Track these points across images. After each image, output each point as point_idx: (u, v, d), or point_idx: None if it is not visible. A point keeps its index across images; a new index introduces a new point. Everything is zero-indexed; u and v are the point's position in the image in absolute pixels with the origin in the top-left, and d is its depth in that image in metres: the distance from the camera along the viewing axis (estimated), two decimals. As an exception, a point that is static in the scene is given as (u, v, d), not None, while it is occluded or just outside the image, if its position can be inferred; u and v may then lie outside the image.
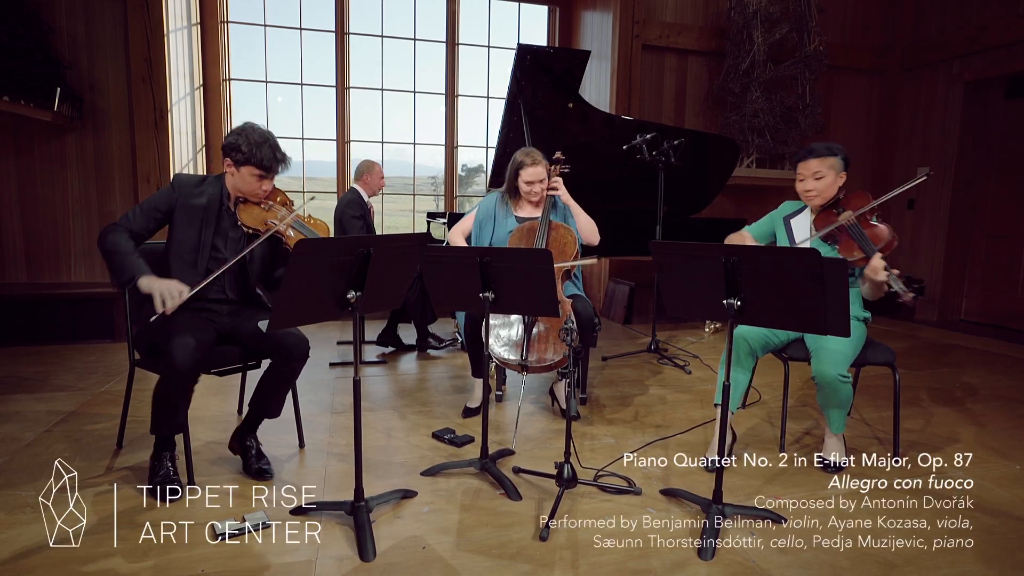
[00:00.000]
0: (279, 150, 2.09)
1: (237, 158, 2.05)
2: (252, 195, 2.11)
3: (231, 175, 2.10)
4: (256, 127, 2.08)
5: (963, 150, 5.21)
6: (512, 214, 2.78)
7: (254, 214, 2.12)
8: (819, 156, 2.24)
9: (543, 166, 2.69)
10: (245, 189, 2.10)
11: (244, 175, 2.07)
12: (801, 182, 2.29)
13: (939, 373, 3.65)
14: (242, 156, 2.04)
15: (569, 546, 1.71)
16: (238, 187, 2.10)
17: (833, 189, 2.26)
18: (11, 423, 2.54)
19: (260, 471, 2.10)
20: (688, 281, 1.78)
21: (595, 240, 2.76)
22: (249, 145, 2.03)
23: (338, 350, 3.92)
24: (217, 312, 2.13)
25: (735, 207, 5.50)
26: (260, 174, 2.06)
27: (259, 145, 2.04)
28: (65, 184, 4.21)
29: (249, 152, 2.03)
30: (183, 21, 4.48)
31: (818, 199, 2.27)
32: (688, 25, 5.22)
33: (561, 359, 2.44)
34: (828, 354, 2.10)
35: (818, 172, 2.24)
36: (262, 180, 2.08)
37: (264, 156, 2.04)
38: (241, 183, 2.09)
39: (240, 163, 2.05)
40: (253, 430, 2.17)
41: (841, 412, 2.20)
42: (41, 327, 3.96)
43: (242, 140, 2.04)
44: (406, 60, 5.31)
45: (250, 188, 2.09)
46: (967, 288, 5.41)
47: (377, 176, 3.88)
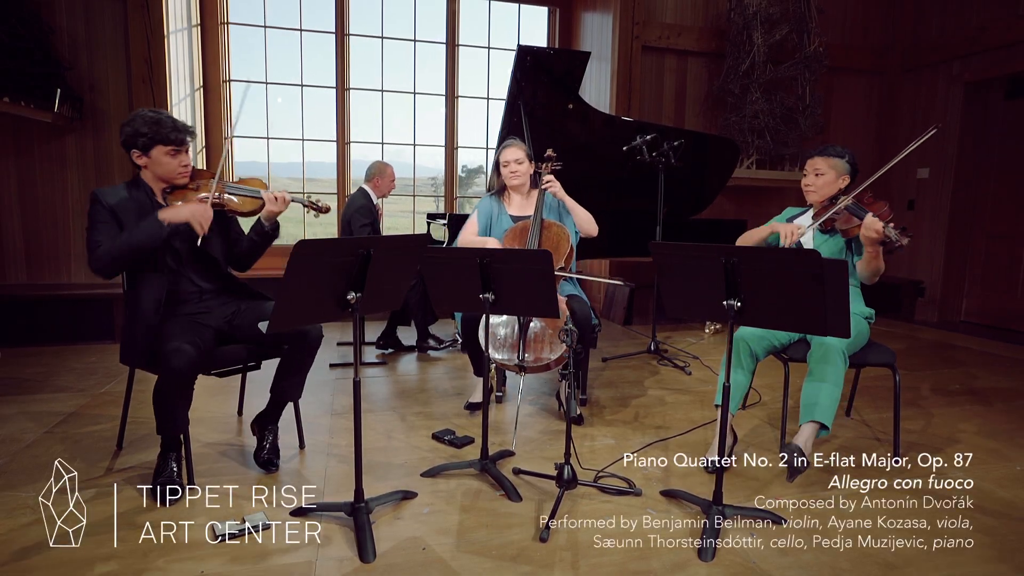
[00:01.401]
0: (177, 120, 2.05)
1: (142, 143, 2.00)
2: (175, 177, 2.06)
3: (145, 166, 2.05)
4: (145, 109, 2.05)
5: (963, 150, 5.21)
6: (506, 213, 2.79)
7: (188, 199, 2.06)
8: (825, 155, 2.34)
9: (518, 147, 2.73)
10: (165, 173, 2.05)
11: (156, 158, 2.02)
12: (804, 176, 2.39)
13: (939, 374, 3.65)
14: (145, 139, 1.99)
15: (569, 547, 1.71)
16: (157, 174, 2.05)
17: (831, 189, 2.33)
18: (11, 424, 2.54)
19: (266, 462, 2.13)
20: (688, 282, 1.79)
21: (593, 232, 2.77)
22: (148, 125, 1.99)
23: (338, 351, 3.92)
24: (206, 308, 2.12)
25: (735, 208, 5.50)
26: (171, 150, 2.02)
27: (156, 122, 2.00)
28: (65, 184, 4.21)
29: (151, 132, 1.99)
30: (183, 22, 4.48)
31: (815, 195, 2.36)
32: (688, 26, 5.22)
33: (559, 357, 2.44)
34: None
35: (819, 169, 2.33)
36: (176, 155, 2.03)
37: (167, 129, 2.00)
38: (158, 168, 2.04)
39: (147, 147, 2.00)
40: (276, 417, 2.20)
41: (833, 391, 2.08)
42: (41, 328, 3.96)
43: (138, 124, 2.00)
44: (406, 61, 5.32)
45: (168, 169, 2.04)
46: (967, 288, 5.41)
47: (388, 179, 3.90)
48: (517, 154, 2.73)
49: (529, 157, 2.76)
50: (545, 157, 2.80)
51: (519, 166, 2.73)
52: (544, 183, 2.70)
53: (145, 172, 2.06)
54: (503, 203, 2.81)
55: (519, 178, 2.75)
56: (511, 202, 2.82)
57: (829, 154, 2.34)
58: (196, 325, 2.03)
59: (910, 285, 5.57)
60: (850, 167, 2.33)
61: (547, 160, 2.78)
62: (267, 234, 2.18)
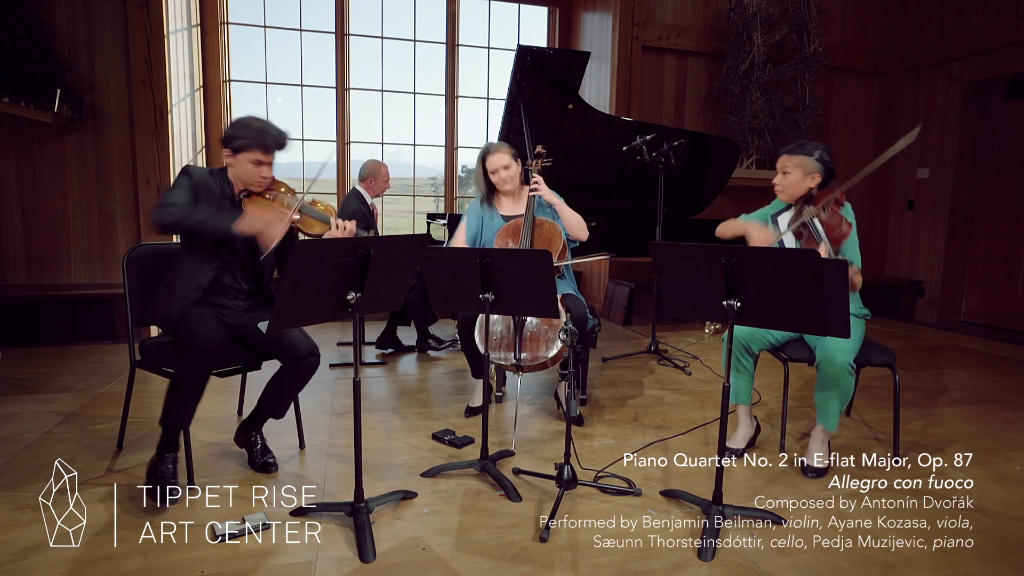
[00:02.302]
0: (275, 129, 2.12)
1: (236, 145, 2.07)
2: (254, 184, 2.13)
3: (231, 165, 2.12)
4: (254, 117, 2.12)
5: (963, 151, 5.22)
6: (497, 213, 2.77)
7: (261, 205, 2.14)
8: (791, 153, 2.23)
9: (504, 152, 2.69)
10: (246, 178, 2.12)
11: (242, 162, 2.09)
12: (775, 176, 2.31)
13: (939, 374, 3.65)
14: (240, 143, 2.07)
15: (569, 547, 1.71)
16: (240, 177, 2.13)
17: (799, 188, 2.23)
18: (11, 424, 2.54)
19: (265, 465, 2.13)
20: (688, 282, 1.79)
21: (583, 236, 2.72)
22: (245, 130, 2.07)
23: (338, 351, 3.92)
24: (232, 308, 2.15)
25: (735, 208, 5.50)
26: (258, 158, 2.08)
27: (254, 129, 2.07)
28: (65, 185, 4.21)
29: (245, 137, 2.06)
30: (183, 22, 4.49)
31: (783, 195, 2.28)
32: (688, 26, 5.23)
33: (556, 355, 2.43)
34: (836, 345, 2.10)
35: (785, 168, 2.24)
36: (260, 166, 2.10)
37: (259, 135, 2.07)
38: (242, 172, 2.11)
39: (238, 150, 2.08)
40: (259, 426, 2.20)
41: (840, 405, 2.16)
42: (41, 328, 3.96)
43: (239, 128, 2.08)
44: (406, 61, 5.33)
45: (250, 176, 2.11)
46: (967, 289, 5.41)
47: (383, 179, 3.84)
48: (503, 159, 2.68)
49: (514, 155, 2.71)
50: (535, 154, 2.78)
51: (507, 171, 2.69)
52: (531, 188, 2.66)
53: (231, 170, 2.14)
54: (494, 204, 2.80)
55: (509, 184, 2.71)
56: (502, 202, 2.79)
57: (794, 152, 2.22)
58: (218, 320, 2.05)
59: (910, 285, 5.57)
60: (821, 165, 2.20)
61: (537, 157, 2.77)
62: None
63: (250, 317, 2.15)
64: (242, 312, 2.17)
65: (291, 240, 2.22)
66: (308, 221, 2.16)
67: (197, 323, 1.93)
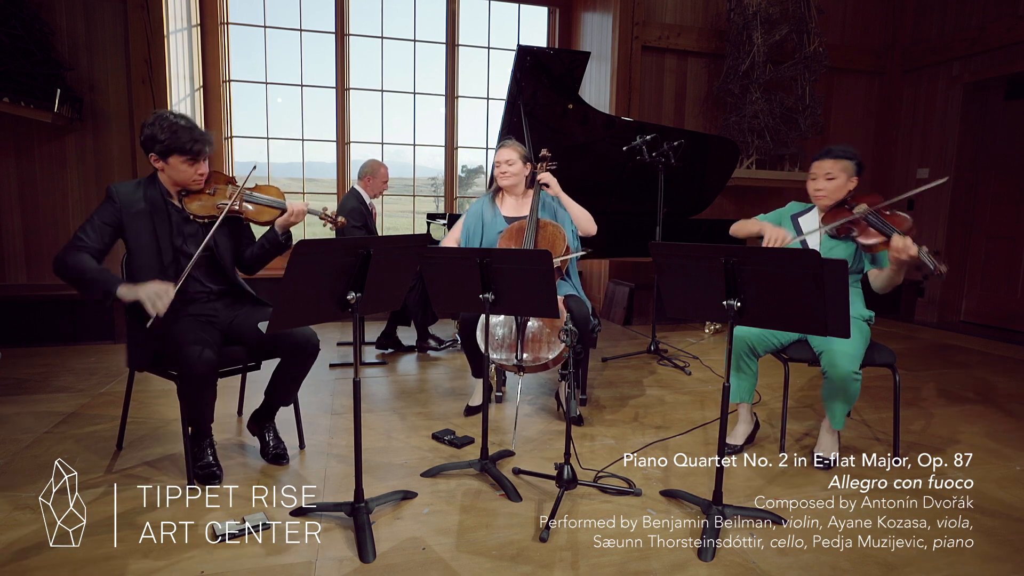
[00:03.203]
0: (197, 130, 2.01)
1: (159, 149, 1.98)
2: (191, 184, 2.05)
3: (161, 170, 2.04)
4: (168, 113, 2.01)
5: (963, 151, 5.22)
6: (500, 214, 2.78)
7: (203, 202, 2.07)
8: (834, 157, 2.26)
9: (511, 148, 2.73)
10: (181, 179, 2.03)
11: (174, 165, 2.00)
12: (813, 180, 2.31)
13: (939, 374, 3.65)
14: (163, 146, 1.97)
15: (569, 547, 1.71)
16: (174, 179, 2.04)
17: (842, 192, 2.27)
18: (11, 424, 2.54)
19: (277, 456, 2.17)
20: (688, 282, 1.78)
21: (592, 230, 2.76)
22: (166, 133, 1.96)
23: (338, 351, 3.92)
24: (213, 310, 2.13)
25: (735, 208, 5.50)
26: (188, 159, 2.00)
27: (177, 131, 1.96)
28: (65, 185, 4.22)
29: (169, 140, 1.96)
30: (183, 22, 4.49)
31: (826, 200, 2.29)
32: (688, 26, 5.23)
33: (557, 356, 2.44)
34: (840, 350, 2.11)
35: (830, 173, 2.25)
36: (194, 165, 2.02)
37: (184, 140, 1.96)
38: (175, 174, 2.02)
39: (164, 154, 1.98)
40: (271, 416, 2.24)
41: (845, 408, 2.21)
42: (41, 328, 3.96)
43: (158, 130, 1.97)
44: (406, 61, 5.33)
45: (185, 177, 2.03)
46: (967, 289, 5.41)
47: (381, 180, 3.84)
48: (509, 155, 2.73)
49: (524, 158, 2.75)
50: (540, 157, 2.80)
51: (510, 167, 2.72)
52: (539, 179, 2.70)
53: (162, 174, 2.06)
54: (497, 205, 2.81)
55: (508, 179, 2.74)
56: (505, 203, 2.81)
57: (838, 156, 2.24)
58: (206, 325, 2.04)
59: (910, 285, 5.57)
60: (857, 167, 2.26)
61: (542, 160, 2.78)
62: (280, 244, 2.20)
63: (237, 314, 2.14)
64: (225, 309, 2.15)
65: (243, 230, 2.21)
66: (258, 209, 2.11)
67: (186, 345, 1.89)
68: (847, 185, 2.26)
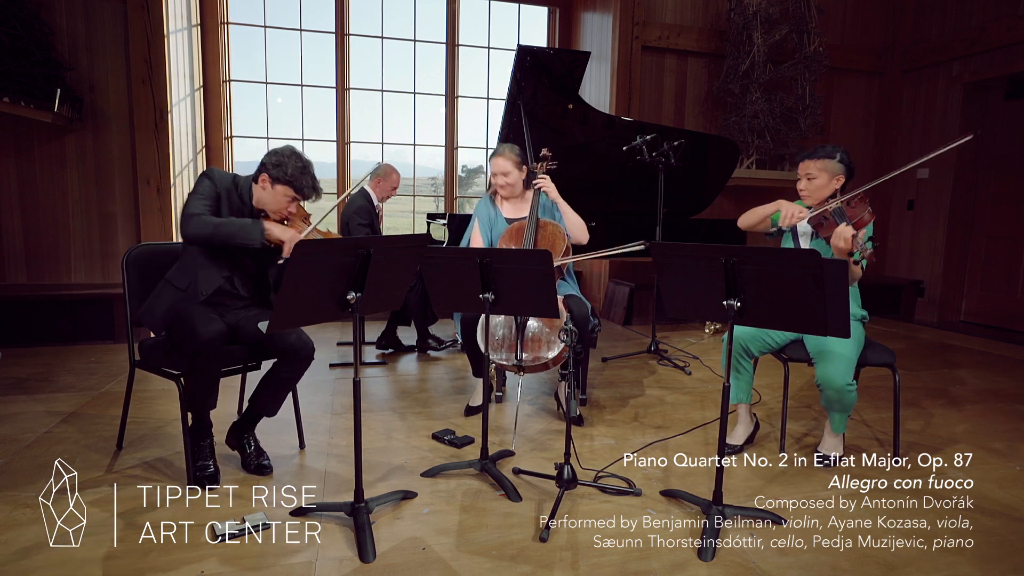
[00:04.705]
0: (317, 181, 2.17)
1: (277, 175, 2.09)
2: (277, 213, 2.14)
3: (263, 189, 2.12)
4: (300, 153, 2.15)
5: (963, 151, 5.21)
6: (501, 216, 2.79)
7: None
8: (815, 157, 2.26)
9: (505, 158, 2.71)
10: (272, 206, 2.13)
11: (278, 193, 2.11)
12: (798, 181, 2.33)
13: (939, 374, 3.65)
14: (284, 176, 2.08)
15: (569, 547, 1.71)
16: (264, 202, 2.13)
17: (825, 191, 2.25)
18: (11, 424, 2.54)
19: (260, 467, 2.12)
20: (688, 282, 1.79)
21: (584, 239, 2.75)
22: (293, 169, 2.09)
23: (338, 351, 3.92)
24: (228, 307, 2.15)
25: (735, 208, 5.50)
26: (294, 197, 2.12)
27: (302, 171, 2.11)
28: (65, 185, 4.22)
29: (292, 176, 2.09)
30: (183, 22, 4.49)
31: (809, 199, 2.30)
32: (688, 26, 5.23)
33: (557, 356, 2.44)
34: (832, 362, 2.12)
35: (810, 173, 2.26)
36: (292, 202, 2.13)
37: (304, 184, 2.11)
38: (271, 200, 2.12)
39: (279, 181, 2.09)
40: (251, 427, 2.19)
41: (844, 415, 2.24)
42: (41, 328, 3.96)
43: (286, 161, 2.10)
44: (406, 61, 5.33)
45: (278, 206, 2.13)
46: (967, 289, 5.41)
47: (391, 184, 3.86)
48: (504, 166, 2.71)
49: (519, 164, 2.73)
50: (540, 157, 2.80)
51: (505, 178, 2.72)
52: (538, 185, 2.69)
53: (259, 191, 2.13)
54: (497, 206, 2.81)
55: (506, 189, 2.75)
56: (504, 204, 2.81)
57: (819, 156, 2.25)
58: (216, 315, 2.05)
59: (910, 285, 5.57)
60: (844, 166, 2.25)
61: (542, 160, 2.78)
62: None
63: (246, 315, 2.15)
64: (238, 310, 2.17)
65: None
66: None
67: (194, 319, 1.93)
68: (830, 184, 2.25)
